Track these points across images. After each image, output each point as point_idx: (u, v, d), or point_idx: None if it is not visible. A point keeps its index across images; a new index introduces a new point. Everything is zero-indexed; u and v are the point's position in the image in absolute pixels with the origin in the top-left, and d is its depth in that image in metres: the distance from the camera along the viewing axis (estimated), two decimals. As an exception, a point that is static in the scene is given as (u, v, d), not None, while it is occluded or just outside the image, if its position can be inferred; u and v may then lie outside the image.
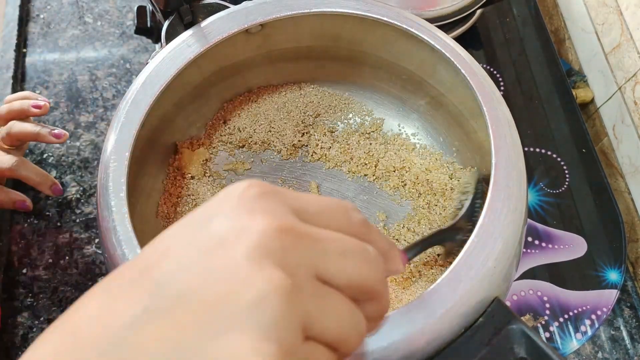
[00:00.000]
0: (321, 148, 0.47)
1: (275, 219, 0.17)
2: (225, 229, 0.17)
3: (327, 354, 0.17)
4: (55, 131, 0.46)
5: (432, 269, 0.41)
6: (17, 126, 0.46)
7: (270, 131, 0.47)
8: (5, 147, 0.47)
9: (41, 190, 0.48)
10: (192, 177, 0.45)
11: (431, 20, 0.44)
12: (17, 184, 0.50)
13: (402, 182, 0.45)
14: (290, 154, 0.47)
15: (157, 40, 0.49)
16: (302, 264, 0.17)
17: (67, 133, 0.47)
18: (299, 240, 0.17)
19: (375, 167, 0.46)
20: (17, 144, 0.47)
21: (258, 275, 0.16)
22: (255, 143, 0.47)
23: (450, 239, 0.38)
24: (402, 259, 0.22)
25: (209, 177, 0.46)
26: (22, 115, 0.47)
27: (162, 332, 0.15)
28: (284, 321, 0.16)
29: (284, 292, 0.16)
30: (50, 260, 0.49)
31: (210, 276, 0.16)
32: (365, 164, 0.47)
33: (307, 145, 0.48)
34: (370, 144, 0.47)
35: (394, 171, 0.46)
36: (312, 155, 0.47)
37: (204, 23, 0.39)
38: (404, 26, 0.38)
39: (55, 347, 0.15)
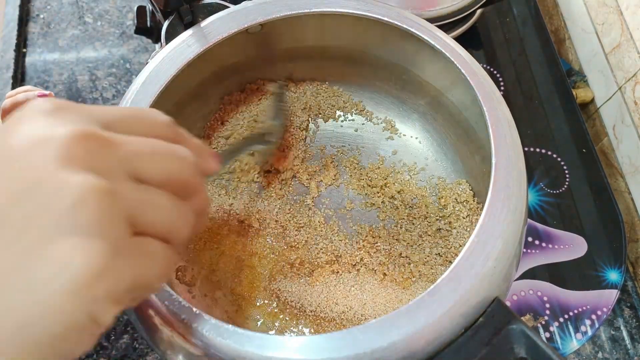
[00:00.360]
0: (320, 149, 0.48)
1: (76, 126, 0.17)
2: (27, 144, 0.17)
3: (159, 245, 0.18)
4: None
5: (432, 268, 0.41)
6: None
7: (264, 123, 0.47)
8: None
9: None
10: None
11: (431, 20, 0.44)
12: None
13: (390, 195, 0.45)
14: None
15: (157, 40, 0.49)
16: (113, 166, 0.17)
17: None
18: (105, 145, 0.17)
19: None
20: None
21: (70, 180, 0.16)
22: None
23: (261, 141, 0.41)
24: (215, 159, 0.23)
25: (209, 176, 0.46)
26: None
27: None
28: (105, 218, 0.16)
29: (99, 192, 0.16)
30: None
31: (20, 190, 0.16)
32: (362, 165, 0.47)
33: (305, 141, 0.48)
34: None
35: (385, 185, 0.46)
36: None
37: (203, 23, 0.39)
38: (404, 26, 0.38)
39: None
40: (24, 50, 0.61)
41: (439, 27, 0.40)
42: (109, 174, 0.17)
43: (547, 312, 0.47)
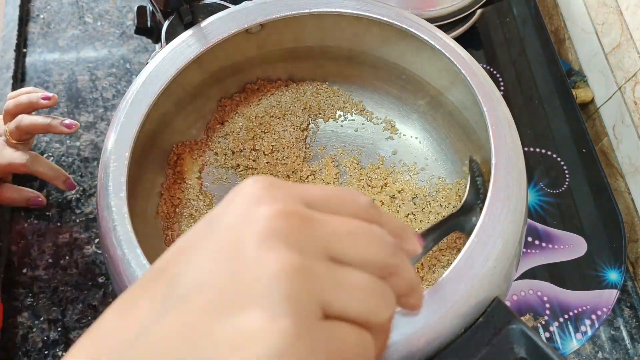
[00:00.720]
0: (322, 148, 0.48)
1: (281, 204, 0.17)
2: (235, 220, 0.17)
3: (355, 330, 0.17)
4: (67, 121, 0.46)
5: (431, 269, 0.41)
6: (27, 119, 0.45)
7: (268, 132, 0.47)
8: (13, 142, 0.46)
9: (55, 185, 0.48)
10: (192, 181, 0.45)
11: (431, 20, 0.44)
12: (19, 181, 0.50)
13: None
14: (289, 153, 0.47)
15: (157, 40, 0.49)
16: (311, 243, 0.17)
17: (78, 123, 0.47)
18: (307, 223, 0.17)
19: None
20: (26, 137, 0.47)
21: (268, 256, 0.16)
22: (254, 143, 0.47)
23: (466, 222, 0.38)
24: (418, 240, 0.22)
25: (209, 176, 0.46)
26: (30, 109, 0.46)
27: (178, 319, 0.16)
28: (297, 296, 0.16)
29: (295, 269, 0.16)
30: (50, 260, 0.49)
31: (222, 263, 0.16)
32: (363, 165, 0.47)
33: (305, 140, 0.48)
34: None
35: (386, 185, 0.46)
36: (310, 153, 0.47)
37: (203, 23, 0.39)
38: (404, 26, 0.38)
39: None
40: (24, 50, 0.61)
41: (439, 27, 0.40)
42: (307, 249, 0.17)
43: (547, 312, 0.47)
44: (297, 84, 0.49)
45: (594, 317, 0.47)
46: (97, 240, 0.50)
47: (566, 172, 0.55)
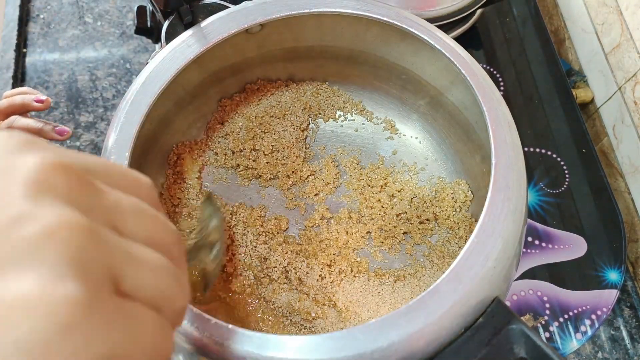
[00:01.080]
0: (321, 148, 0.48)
1: (52, 155, 0.14)
2: None
3: (149, 312, 0.14)
4: (58, 127, 0.46)
5: (432, 269, 0.41)
6: (20, 121, 0.45)
7: (268, 132, 0.47)
8: None
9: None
10: (192, 181, 0.45)
11: (431, 20, 0.44)
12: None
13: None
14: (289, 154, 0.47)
15: (157, 40, 0.49)
16: (95, 208, 0.14)
17: (70, 130, 0.47)
18: (86, 185, 0.14)
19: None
20: None
21: (42, 210, 0.12)
22: (254, 143, 0.47)
23: (199, 256, 0.33)
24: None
25: (209, 176, 0.46)
26: (23, 110, 0.46)
27: None
28: (84, 259, 0.12)
29: (79, 228, 0.13)
30: (50, 260, 0.49)
31: None
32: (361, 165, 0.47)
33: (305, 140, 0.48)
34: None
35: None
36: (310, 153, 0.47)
37: (203, 23, 0.39)
38: (404, 26, 0.38)
39: None
40: (24, 50, 0.61)
41: (439, 27, 0.40)
42: (91, 212, 0.14)
43: (547, 312, 0.47)
44: (297, 84, 0.49)
45: (594, 317, 0.47)
46: (97, 240, 0.50)
47: (566, 172, 0.55)
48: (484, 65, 0.61)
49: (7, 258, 0.12)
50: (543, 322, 0.47)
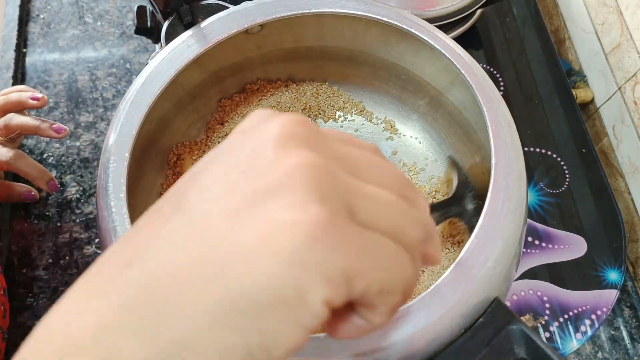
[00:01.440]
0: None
1: (292, 115, 0.17)
2: (244, 137, 0.16)
3: (388, 242, 0.16)
4: (55, 125, 0.46)
5: (432, 269, 0.41)
6: (17, 119, 0.45)
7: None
8: (0, 139, 0.46)
9: (38, 185, 0.48)
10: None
11: (431, 20, 0.44)
12: (16, 178, 0.50)
13: None
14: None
15: (157, 40, 0.49)
16: (330, 155, 0.16)
17: (67, 128, 0.47)
18: (321, 135, 0.17)
19: None
20: (14, 136, 0.47)
21: (288, 154, 0.15)
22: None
23: (460, 209, 0.40)
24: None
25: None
26: (20, 107, 0.46)
27: (189, 224, 0.15)
28: (324, 188, 0.14)
29: (319, 165, 0.15)
30: (50, 260, 0.49)
31: (238, 171, 0.15)
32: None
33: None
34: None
35: None
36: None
37: (203, 23, 0.39)
38: (404, 26, 0.38)
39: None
40: (24, 50, 0.61)
41: (439, 27, 0.40)
42: (328, 157, 0.16)
43: (547, 312, 0.47)
44: (297, 84, 0.49)
45: (593, 317, 0.47)
46: (97, 240, 0.50)
47: (566, 172, 0.55)
48: (484, 65, 0.61)
49: (266, 192, 0.14)
50: (543, 322, 0.47)
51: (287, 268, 0.13)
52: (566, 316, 0.47)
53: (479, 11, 0.58)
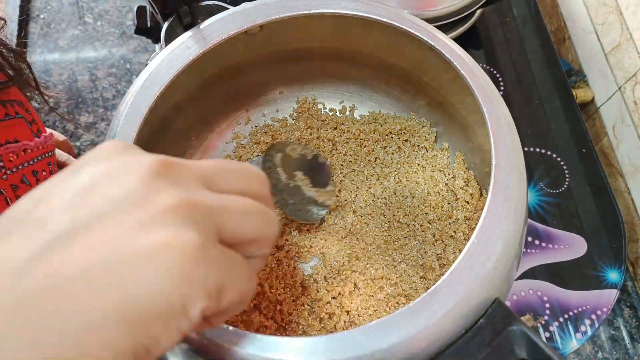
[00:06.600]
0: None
1: (153, 156, 0.19)
2: (104, 169, 0.18)
3: (242, 258, 0.19)
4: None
5: (432, 270, 0.41)
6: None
7: (268, 132, 0.47)
8: None
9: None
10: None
11: (431, 21, 0.44)
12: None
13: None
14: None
15: (156, 40, 0.49)
16: (191, 181, 0.19)
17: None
18: (176, 167, 0.19)
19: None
20: None
21: (158, 193, 0.17)
22: (258, 143, 0.47)
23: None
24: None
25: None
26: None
27: (75, 254, 0.16)
28: (196, 217, 0.17)
29: (185, 200, 0.17)
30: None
31: (114, 198, 0.17)
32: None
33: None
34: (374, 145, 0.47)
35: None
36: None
37: (203, 24, 0.39)
38: (404, 27, 0.38)
39: None
40: (24, 50, 0.61)
41: (439, 27, 0.40)
42: (189, 187, 0.18)
43: (547, 312, 0.47)
44: (297, 85, 0.49)
45: (593, 317, 0.47)
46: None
47: (566, 172, 0.55)
48: (484, 65, 0.61)
49: (147, 222, 0.17)
50: (543, 322, 0.47)
51: (175, 283, 0.16)
52: (566, 316, 0.47)
53: (479, 11, 0.58)
